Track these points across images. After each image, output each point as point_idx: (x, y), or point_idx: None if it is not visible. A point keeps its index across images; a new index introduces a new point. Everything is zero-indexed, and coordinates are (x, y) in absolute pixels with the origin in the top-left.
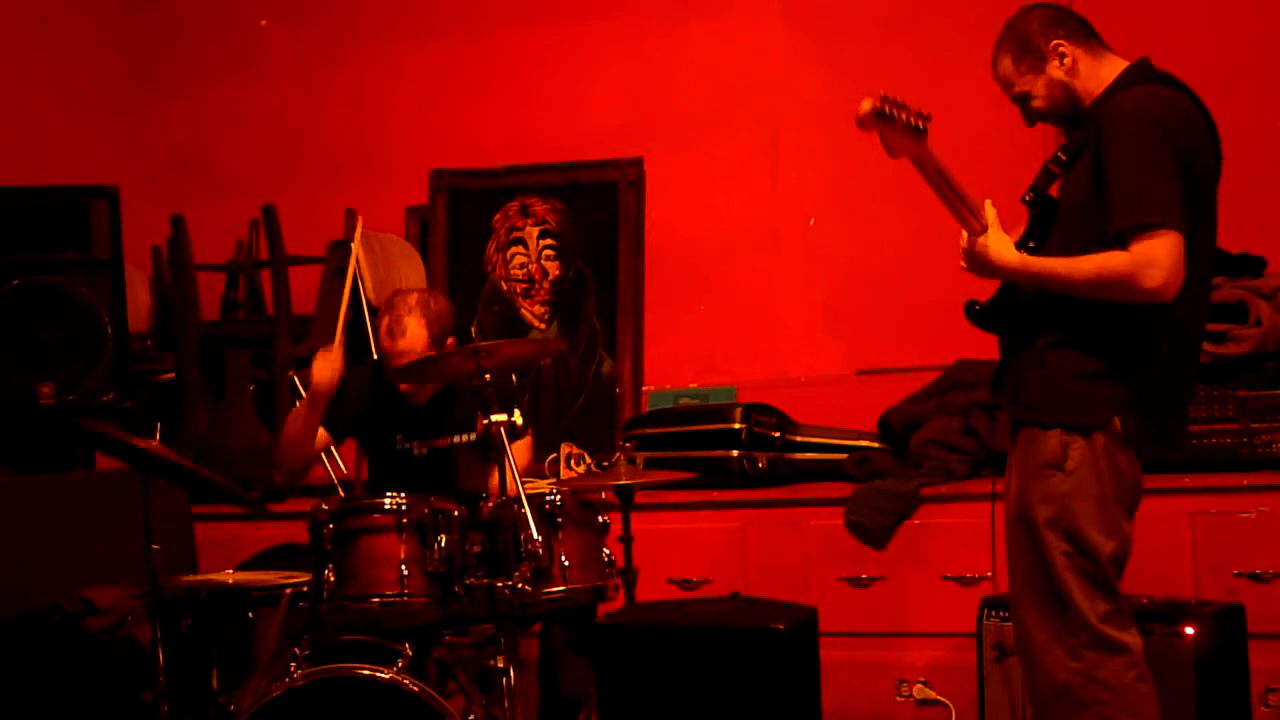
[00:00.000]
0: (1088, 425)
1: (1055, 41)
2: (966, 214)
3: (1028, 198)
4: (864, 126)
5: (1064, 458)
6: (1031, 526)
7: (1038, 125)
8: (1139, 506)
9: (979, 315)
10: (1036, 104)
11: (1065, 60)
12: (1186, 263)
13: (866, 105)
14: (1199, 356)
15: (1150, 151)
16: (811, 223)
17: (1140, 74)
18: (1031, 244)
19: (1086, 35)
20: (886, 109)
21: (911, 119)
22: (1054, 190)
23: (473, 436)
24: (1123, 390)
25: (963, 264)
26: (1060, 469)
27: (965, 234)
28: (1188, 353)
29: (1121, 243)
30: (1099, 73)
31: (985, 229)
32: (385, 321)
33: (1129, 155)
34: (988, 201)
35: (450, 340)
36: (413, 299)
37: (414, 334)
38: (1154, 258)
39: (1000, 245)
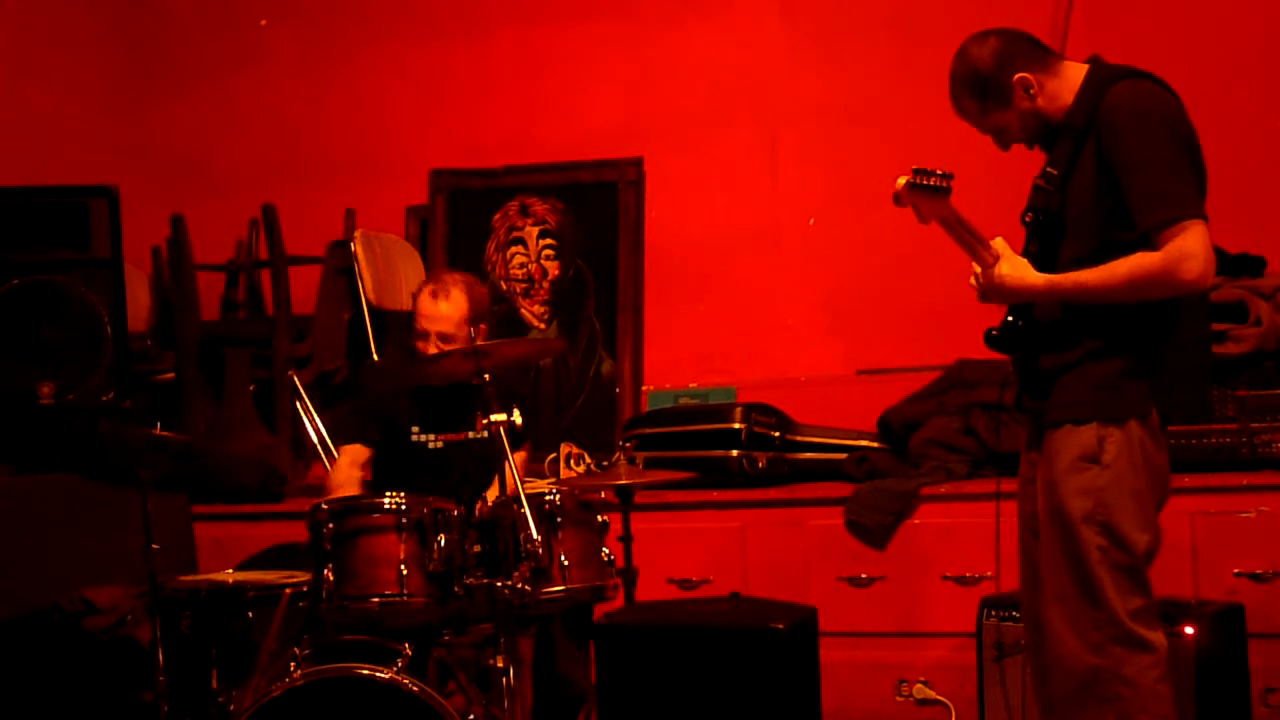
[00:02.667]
0: (1123, 416)
1: (1017, 76)
2: (977, 247)
3: (1028, 218)
4: (900, 202)
5: (1101, 451)
6: (1066, 521)
7: None
8: (1165, 503)
9: (999, 339)
10: (1011, 136)
11: (1031, 90)
12: None
13: (902, 181)
14: (1210, 327)
15: (1159, 146)
16: (811, 222)
17: (1112, 72)
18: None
19: (1042, 55)
20: (919, 180)
21: (939, 182)
22: (1048, 206)
23: (485, 434)
24: (1153, 382)
25: (979, 297)
26: (1097, 462)
27: (977, 267)
28: (1204, 328)
29: (1147, 242)
30: (1063, 86)
31: (998, 259)
32: (429, 287)
33: (1140, 154)
34: (998, 239)
35: (483, 327)
36: (459, 275)
37: (456, 301)
38: (1187, 250)
39: (1020, 270)
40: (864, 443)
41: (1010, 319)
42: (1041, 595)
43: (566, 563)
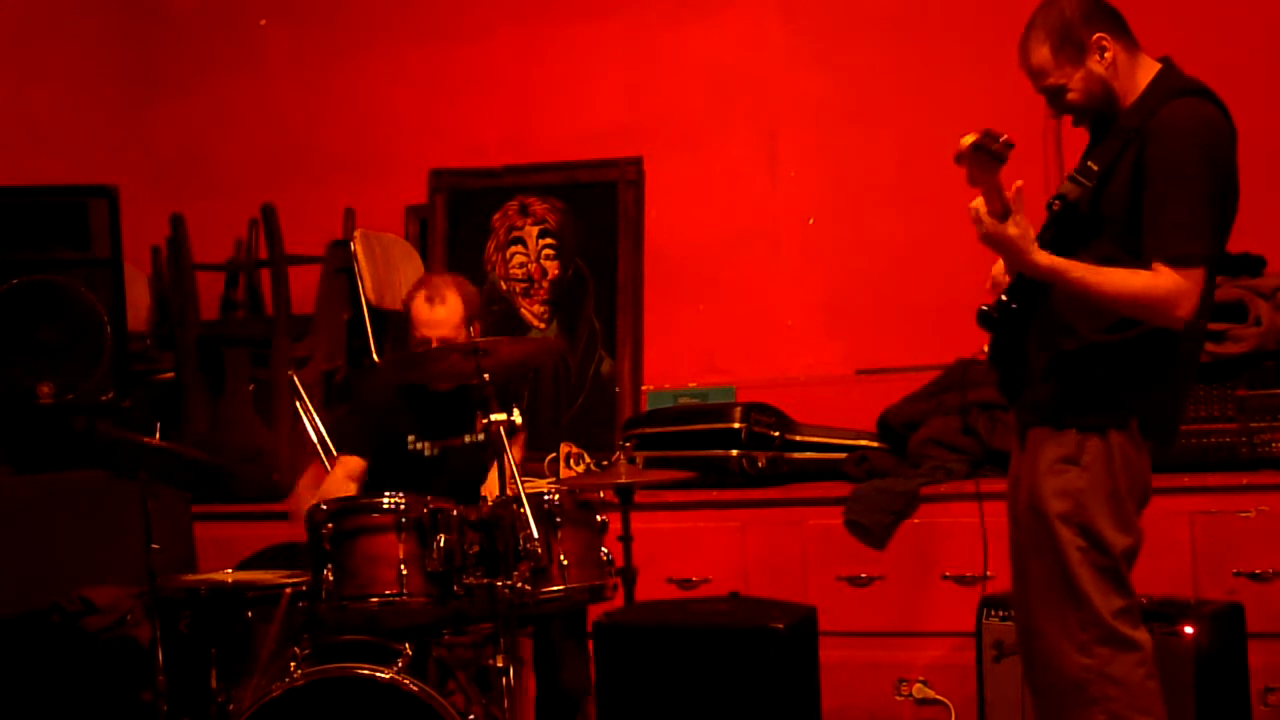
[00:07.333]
0: (1104, 425)
1: (1098, 34)
2: (993, 194)
3: (1055, 206)
4: (961, 161)
5: (1080, 453)
6: (1045, 521)
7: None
8: (1148, 504)
9: (991, 318)
10: (1072, 97)
11: (1106, 55)
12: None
13: (968, 140)
14: (1200, 356)
15: (1197, 180)
16: (811, 222)
17: (1178, 84)
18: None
19: (1125, 32)
20: (985, 143)
21: (1002, 150)
22: (1078, 200)
23: (481, 436)
24: (1140, 392)
25: (979, 233)
26: (1076, 463)
27: (980, 205)
28: (1196, 355)
29: (1154, 265)
30: (1135, 73)
31: (1005, 211)
32: (423, 293)
33: (1177, 182)
34: (1018, 183)
35: (477, 324)
36: (450, 276)
37: (452, 305)
38: (1188, 291)
39: (1029, 241)
40: (864, 442)
41: (1005, 299)
42: (1028, 594)
43: (566, 562)
